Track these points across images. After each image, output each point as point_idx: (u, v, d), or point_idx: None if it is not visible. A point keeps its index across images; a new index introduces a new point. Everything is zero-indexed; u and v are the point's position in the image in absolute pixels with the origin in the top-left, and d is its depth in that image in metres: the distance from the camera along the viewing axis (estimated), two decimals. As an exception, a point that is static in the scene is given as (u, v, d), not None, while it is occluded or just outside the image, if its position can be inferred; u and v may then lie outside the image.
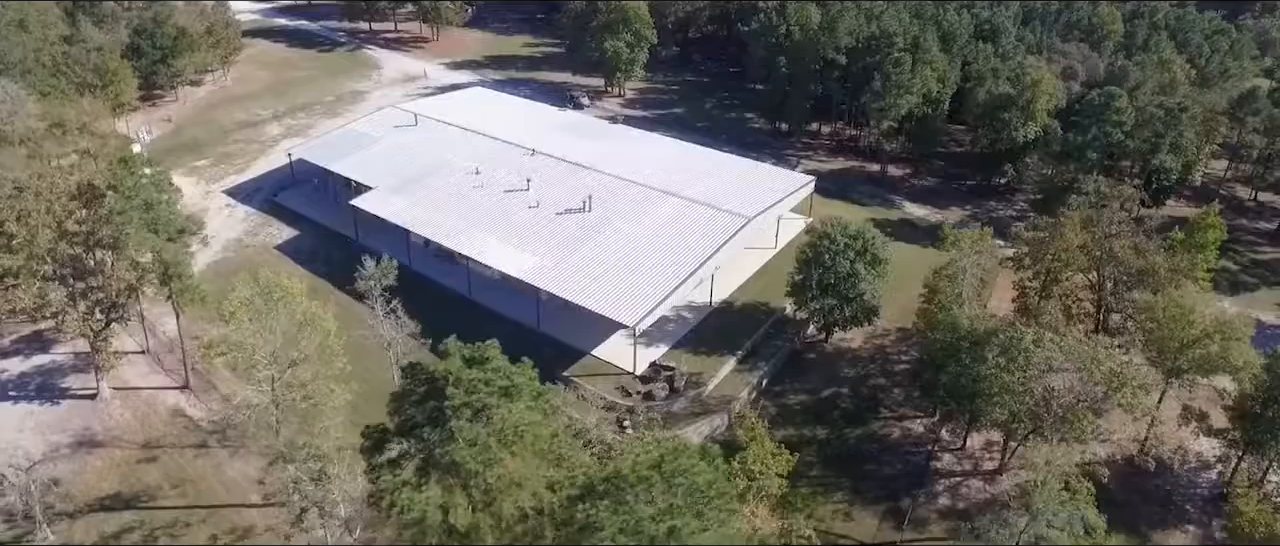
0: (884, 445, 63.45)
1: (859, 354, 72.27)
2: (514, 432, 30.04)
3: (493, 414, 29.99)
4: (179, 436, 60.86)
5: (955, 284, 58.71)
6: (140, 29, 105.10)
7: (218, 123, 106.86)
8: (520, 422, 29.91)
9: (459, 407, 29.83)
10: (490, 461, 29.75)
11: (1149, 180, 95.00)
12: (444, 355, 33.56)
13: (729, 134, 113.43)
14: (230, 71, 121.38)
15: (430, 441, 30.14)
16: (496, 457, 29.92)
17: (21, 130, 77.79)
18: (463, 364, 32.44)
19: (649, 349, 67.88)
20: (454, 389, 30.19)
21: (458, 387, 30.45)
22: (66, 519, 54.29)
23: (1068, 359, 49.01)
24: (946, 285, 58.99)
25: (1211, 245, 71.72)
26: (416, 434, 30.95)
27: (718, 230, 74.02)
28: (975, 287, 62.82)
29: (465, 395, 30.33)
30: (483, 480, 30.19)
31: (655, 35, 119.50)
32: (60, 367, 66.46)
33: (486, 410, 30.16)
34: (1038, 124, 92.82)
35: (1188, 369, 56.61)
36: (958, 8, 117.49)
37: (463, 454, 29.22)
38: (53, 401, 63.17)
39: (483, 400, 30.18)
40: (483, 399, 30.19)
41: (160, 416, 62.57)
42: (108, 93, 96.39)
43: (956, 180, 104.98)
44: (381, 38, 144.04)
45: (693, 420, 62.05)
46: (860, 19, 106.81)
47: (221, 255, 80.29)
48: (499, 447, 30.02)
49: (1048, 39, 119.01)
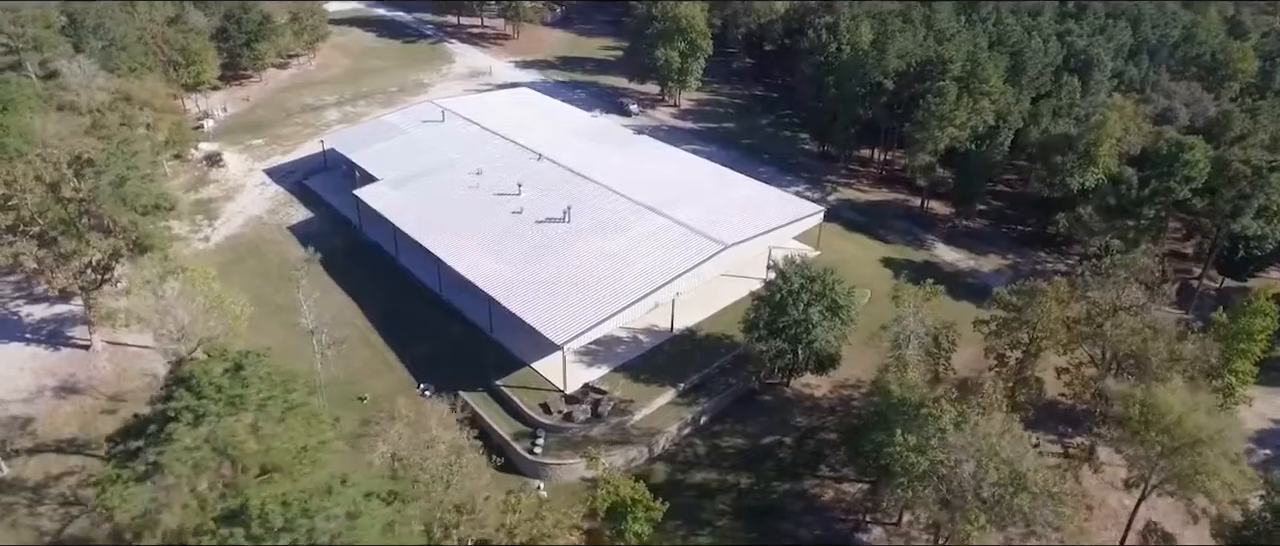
0: (811, 506, 58.57)
1: (819, 403, 67.12)
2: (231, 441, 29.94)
3: (213, 422, 30.04)
4: (142, 392, 65.65)
5: (897, 345, 52.99)
6: (229, 14, 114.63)
7: (285, 105, 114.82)
8: (231, 435, 29.74)
9: (181, 410, 30.12)
10: (200, 466, 29.83)
11: (1233, 247, 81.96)
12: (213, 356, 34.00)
13: (773, 153, 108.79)
14: (315, 57, 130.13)
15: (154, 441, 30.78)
16: (206, 465, 29.97)
17: (88, 102, 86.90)
18: (224, 370, 32.68)
19: (590, 369, 66.21)
20: (183, 392, 30.51)
21: (191, 392, 30.74)
22: (25, 455, 60.07)
23: (969, 446, 42.85)
24: (889, 346, 53.41)
25: (1259, 333, 60.72)
26: (148, 433, 31.70)
27: (689, 254, 71.00)
28: (928, 348, 56.47)
29: (194, 399, 30.56)
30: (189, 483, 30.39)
31: (711, 45, 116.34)
32: (74, 318, 73.53)
33: (206, 418, 30.26)
34: (1100, 170, 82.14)
35: (1161, 482, 48.31)
36: (1052, 34, 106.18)
37: (170, 457, 29.51)
38: (55, 347, 70.08)
39: (206, 408, 30.29)
40: (206, 407, 30.30)
41: (133, 373, 67.85)
42: (190, 71, 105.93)
43: (1009, 224, 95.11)
44: (466, 32, 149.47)
45: (608, 449, 59.86)
46: (926, 40, 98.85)
47: (240, 230, 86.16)
48: (213, 455, 30.05)
49: (1155, 75, 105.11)
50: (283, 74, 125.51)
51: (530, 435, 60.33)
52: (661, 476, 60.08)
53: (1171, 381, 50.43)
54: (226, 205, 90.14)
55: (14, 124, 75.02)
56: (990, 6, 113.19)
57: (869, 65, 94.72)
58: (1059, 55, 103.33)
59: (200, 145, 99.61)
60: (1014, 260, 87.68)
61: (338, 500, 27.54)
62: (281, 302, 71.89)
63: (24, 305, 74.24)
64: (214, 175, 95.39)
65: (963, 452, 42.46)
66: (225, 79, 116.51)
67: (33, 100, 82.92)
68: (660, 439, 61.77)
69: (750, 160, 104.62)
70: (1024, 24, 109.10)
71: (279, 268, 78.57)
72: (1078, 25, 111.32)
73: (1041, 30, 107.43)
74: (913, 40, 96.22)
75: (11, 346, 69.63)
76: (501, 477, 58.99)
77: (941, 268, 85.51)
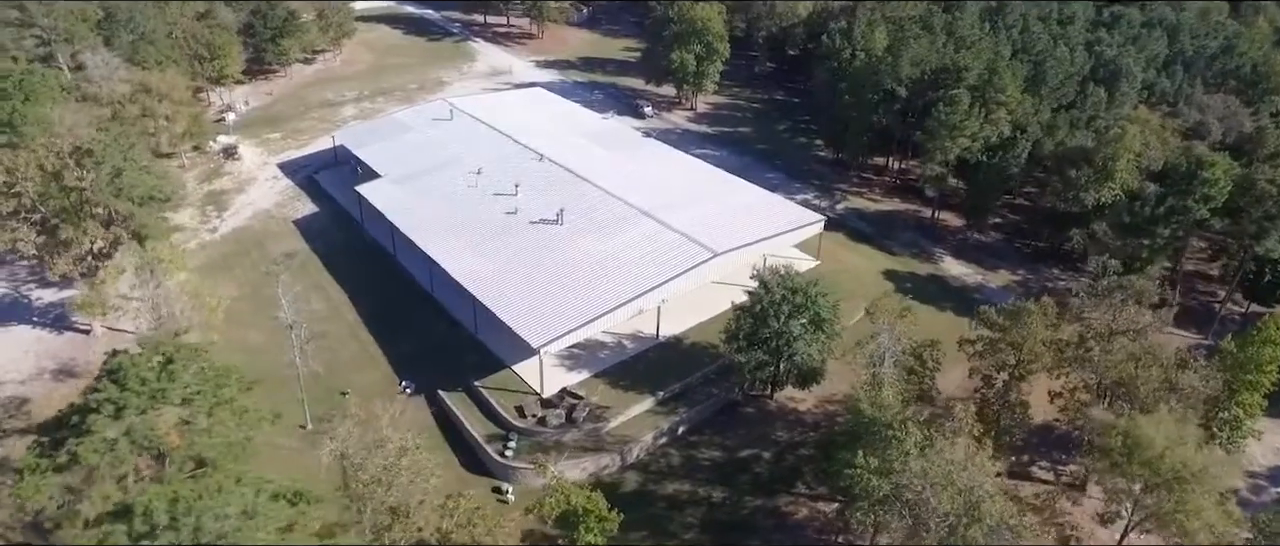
0: (782, 523, 57.21)
1: (803, 417, 65.63)
2: (150, 435, 30.19)
3: (133, 415, 30.35)
4: (135, 380, 67.48)
5: (872, 363, 51.37)
6: (256, 10, 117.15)
7: (306, 100, 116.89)
8: (151, 429, 29.97)
9: (103, 403, 30.49)
10: (118, 459, 30.15)
11: (1260, 271, 77.83)
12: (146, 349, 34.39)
13: (786, 159, 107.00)
14: (341, 53, 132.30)
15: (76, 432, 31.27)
16: (125, 457, 30.27)
17: (109, 94, 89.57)
18: (155, 363, 33.03)
19: (571, 373, 65.78)
20: (108, 384, 30.89)
21: (116, 384, 31.11)
22: (17, 436, 61.95)
23: (926, 472, 41.19)
24: (863, 363, 51.83)
25: (1269, 364, 57.32)
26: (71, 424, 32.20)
27: (678, 261, 70.09)
28: (909, 366, 54.60)
29: (118, 392, 30.92)
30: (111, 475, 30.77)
31: (728, 48, 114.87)
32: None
33: (126, 411, 30.58)
34: (1117, 185, 78.71)
35: (1141, 520, 45.94)
36: (1080, 43, 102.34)
37: (87, 449, 29.91)
38: (58, 331, 72.27)
39: (127, 400, 30.61)
40: (128, 399, 30.62)
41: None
42: (214, 65, 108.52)
43: (1023, 238, 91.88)
44: (492, 31, 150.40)
45: (579, 456, 59.38)
46: (946, 47, 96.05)
47: (247, 222, 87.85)
48: (132, 447, 30.35)
49: (1188, 88, 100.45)
50: (308, 69, 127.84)
51: (502, 438, 60.12)
52: (632, 485, 59.39)
53: (1158, 412, 47.82)
54: (237, 197, 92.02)
55: (32, 113, 77.54)
56: (1017, 14, 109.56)
57: (882, 71, 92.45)
58: (1086, 65, 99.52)
59: (218, 138, 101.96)
60: (1024, 276, 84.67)
61: (228, 499, 27.60)
62: (275, 295, 72.99)
63: (35, 289, 76.72)
64: (229, 167, 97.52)
65: (920, 479, 40.83)
66: (251, 73, 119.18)
67: (55, 91, 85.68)
68: (634, 447, 61.02)
69: (761, 166, 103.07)
70: (1052, 31, 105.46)
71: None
72: (1109, 34, 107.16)
73: (1069, 39, 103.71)
74: (929, 47, 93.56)
75: (19, 329, 72.01)
76: (472, 479, 59.19)
77: (947, 282, 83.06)
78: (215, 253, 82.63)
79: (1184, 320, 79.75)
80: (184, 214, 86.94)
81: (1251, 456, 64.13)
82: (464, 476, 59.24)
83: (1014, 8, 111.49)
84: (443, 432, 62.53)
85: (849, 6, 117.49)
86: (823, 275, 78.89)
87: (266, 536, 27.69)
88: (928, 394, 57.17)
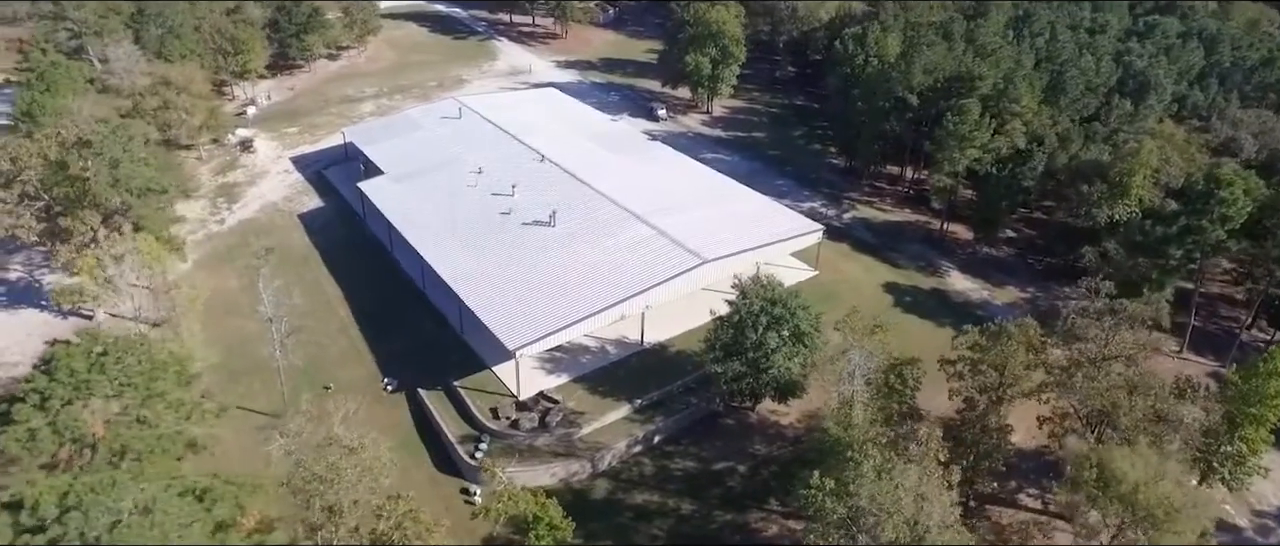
0: (751, 540, 56.05)
1: (784, 431, 64.27)
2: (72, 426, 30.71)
3: (57, 406, 30.91)
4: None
5: (841, 380, 49.93)
6: (281, 7, 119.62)
7: (326, 95, 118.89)
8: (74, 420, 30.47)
9: (29, 393, 31.11)
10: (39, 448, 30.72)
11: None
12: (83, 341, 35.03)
13: (797, 166, 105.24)
14: (365, 50, 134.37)
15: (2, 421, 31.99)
16: (45, 447, 30.83)
17: (130, 86, 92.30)
18: (94, 354, 33.61)
19: (550, 376, 65.47)
20: (38, 375, 31.52)
21: (45, 375, 31.74)
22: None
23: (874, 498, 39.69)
24: (833, 381, 50.42)
25: (1274, 397, 54.08)
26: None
27: (666, 267, 69.23)
28: (888, 384, 52.90)
29: (46, 383, 31.53)
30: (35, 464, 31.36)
31: (744, 52, 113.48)
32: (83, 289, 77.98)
33: (51, 401, 31.15)
34: (1132, 202, 75.38)
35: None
36: (1108, 54, 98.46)
37: (8, 438, 30.52)
38: (64, 317, 74.54)
39: (53, 391, 31.19)
40: (54, 390, 31.20)
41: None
42: (238, 60, 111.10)
43: (1036, 254, 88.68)
44: (516, 30, 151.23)
45: (550, 461, 58.99)
46: (965, 54, 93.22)
47: (255, 214, 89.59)
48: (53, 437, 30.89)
49: (1223, 102, 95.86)
50: (332, 65, 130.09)
51: (475, 439, 60.05)
52: (601, 493, 58.78)
53: (1139, 444, 45.45)
54: (248, 190, 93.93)
55: (50, 104, 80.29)
56: (1044, 21, 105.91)
57: (894, 79, 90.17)
58: (1113, 76, 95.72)
59: (236, 130, 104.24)
60: (1033, 294, 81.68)
61: (122, 493, 27.88)
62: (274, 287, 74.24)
63: (47, 275, 79.28)
64: (244, 160, 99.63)
65: (871, 504, 39.41)
66: (276, 68, 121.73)
67: (78, 83, 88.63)
68: (606, 454, 60.39)
69: (770, 172, 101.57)
70: (1079, 41, 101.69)
71: (281, 254, 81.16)
72: (1141, 44, 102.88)
73: (1098, 48, 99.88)
74: (944, 54, 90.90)
75: (27, 312, 74.49)
76: (443, 479, 59.28)
77: (949, 297, 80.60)
78: (221, 244, 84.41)
79: (1201, 345, 76.15)
80: (195, 205, 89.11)
81: (1259, 494, 60.76)
82: (435, 476, 59.39)
83: (1041, 15, 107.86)
84: (419, 431, 62.75)
85: (871, 10, 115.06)
86: (821, 285, 77.66)
87: (164, 535, 27.90)
88: (912, 413, 55.34)
